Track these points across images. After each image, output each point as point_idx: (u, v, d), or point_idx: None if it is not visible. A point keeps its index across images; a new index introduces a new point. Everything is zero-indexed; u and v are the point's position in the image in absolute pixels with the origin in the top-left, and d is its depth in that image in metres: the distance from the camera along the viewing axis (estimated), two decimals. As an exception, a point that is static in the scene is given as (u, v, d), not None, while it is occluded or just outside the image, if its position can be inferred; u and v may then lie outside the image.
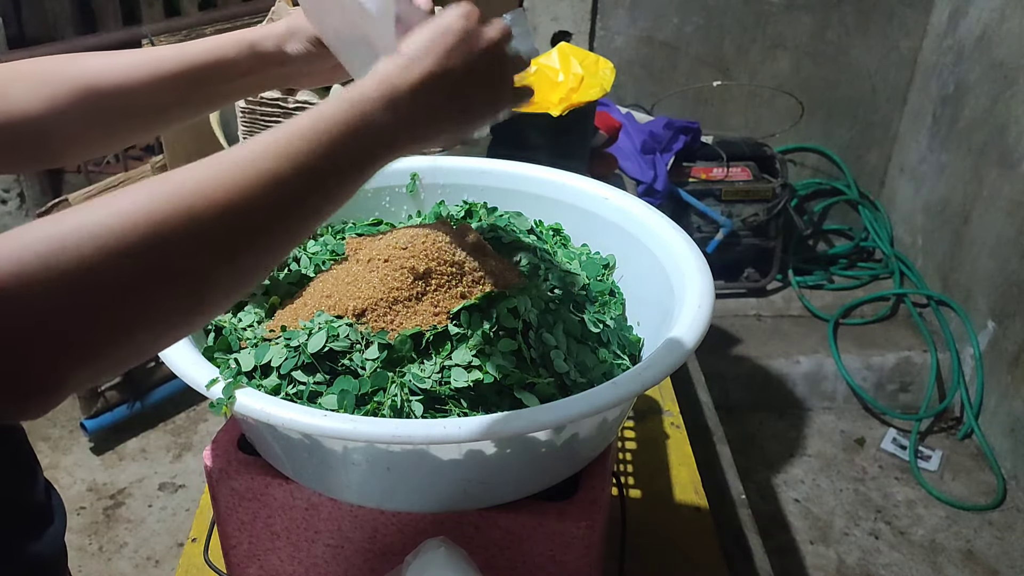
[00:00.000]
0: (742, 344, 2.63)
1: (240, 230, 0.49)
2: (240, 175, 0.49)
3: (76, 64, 0.71)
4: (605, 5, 2.66)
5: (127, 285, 0.45)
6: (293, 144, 0.52)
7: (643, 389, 0.68)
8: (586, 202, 0.98)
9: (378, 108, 0.56)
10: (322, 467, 0.72)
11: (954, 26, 2.60)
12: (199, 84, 0.74)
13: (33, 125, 0.69)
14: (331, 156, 0.53)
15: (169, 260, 0.46)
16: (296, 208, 0.52)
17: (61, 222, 0.44)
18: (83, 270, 0.43)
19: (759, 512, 1.74)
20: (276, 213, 0.51)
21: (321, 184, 0.53)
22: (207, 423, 2.40)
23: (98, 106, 0.71)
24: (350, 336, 0.74)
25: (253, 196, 0.49)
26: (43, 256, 0.42)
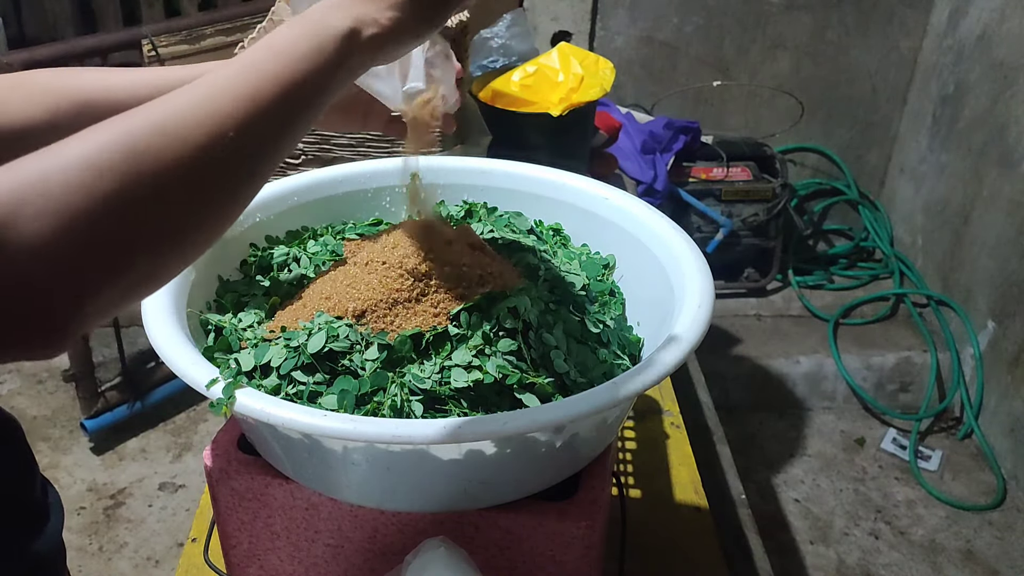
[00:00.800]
0: (742, 344, 2.63)
1: (223, 147, 0.49)
2: (219, 95, 0.50)
3: (80, 77, 0.71)
4: (605, 5, 2.66)
5: (119, 207, 0.45)
6: (260, 62, 0.53)
7: (643, 389, 0.68)
8: (586, 202, 0.98)
9: (329, 10, 0.56)
10: (322, 467, 0.72)
11: (954, 26, 2.60)
12: None
13: (30, 136, 0.68)
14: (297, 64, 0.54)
15: (155, 181, 0.46)
16: (275, 119, 0.53)
17: (45, 152, 0.45)
18: (74, 192, 0.44)
19: (759, 512, 1.74)
20: (256, 127, 0.51)
21: (294, 93, 0.53)
22: (207, 423, 2.41)
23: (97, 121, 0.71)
24: (350, 337, 0.74)
25: (232, 114, 0.50)
26: (34, 184, 0.43)
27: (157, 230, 0.48)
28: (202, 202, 0.50)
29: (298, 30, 0.55)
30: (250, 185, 0.54)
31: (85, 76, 0.71)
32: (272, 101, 0.52)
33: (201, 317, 0.82)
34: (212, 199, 0.50)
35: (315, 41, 0.55)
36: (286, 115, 0.54)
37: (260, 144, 0.52)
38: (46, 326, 0.44)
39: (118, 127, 0.47)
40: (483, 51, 1.72)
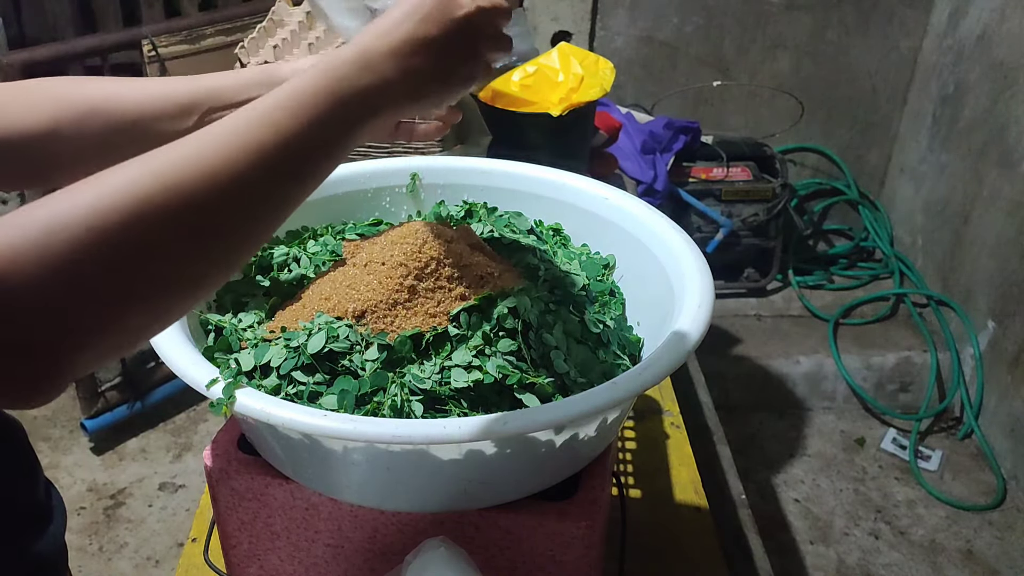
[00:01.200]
0: (742, 344, 2.63)
1: (228, 204, 0.49)
2: (224, 149, 0.49)
3: (84, 86, 0.71)
4: (605, 5, 2.66)
5: (119, 264, 0.45)
6: (275, 115, 0.52)
7: (643, 389, 0.68)
8: (586, 202, 0.98)
9: (354, 71, 0.56)
10: (322, 467, 0.72)
11: (954, 26, 2.60)
12: (209, 115, 0.74)
13: (33, 144, 0.69)
14: (312, 123, 0.53)
15: (154, 237, 0.46)
16: (282, 178, 0.53)
17: (51, 205, 0.45)
18: (75, 252, 0.44)
19: (759, 512, 1.74)
20: (263, 184, 0.51)
21: (305, 152, 0.53)
22: (207, 423, 2.41)
23: (103, 129, 0.71)
24: (350, 337, 0.74)
25: (238, 169, 0.49)
26: (36, 241, 0.43)
27: (157, 285, 0.48)
28: (204, 258, 0.50)
29: (320, 84, 0.54)
30: (254, 241, 0.54)
31: (88, 85, 0.72)
32: (281, 162, 0.52)
33: (201, 317, 0.82)
34: (214, 255, 0.50)
35: (333, 100, 0.55)
36: (295, 175, 0.54)
37: (265, 202, 0.52)
38: (40, 377, 0.44)
39: (123, 180, 0.47)
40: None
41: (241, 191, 0.50)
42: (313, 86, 0.54)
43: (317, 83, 0.54)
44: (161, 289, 0.48)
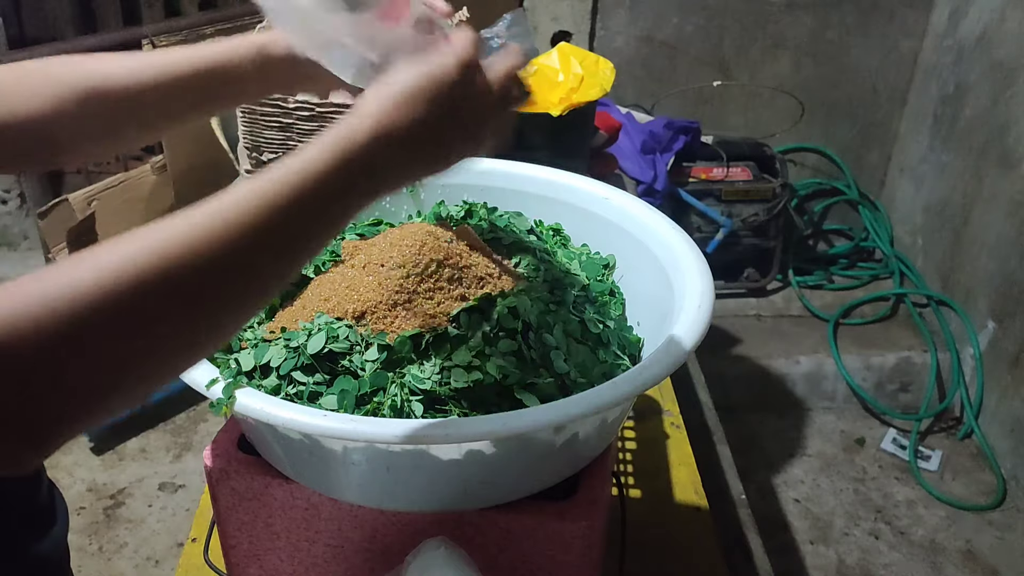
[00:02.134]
0: (742, 344, 2.63)
1: (224, 280, 0.50)
2: (224, 227, 0.49)
3: (83, 66, 0.71)
4: (605, 5, 2.66)
5: (117, 340, 0.46)
6: (279, 193, 0.52)
7: (643, 389, 0.68)
8: (586, 202, 0.98)
9: (364, 153, 0.56)
10: (322, 467, 0.72)
11: (954, 26, 2.60)
12: (208, 88, 0.73)
13: (38, 127, 0.69)
14: (315, 204, 0.53)
15: (157, 311, 0.47)
16: (279, 255, 0.53)
17: (48, 279, 0.45)
18: (74, 327, 0.44)
19: (759, 512, 1.74)
20: (260, 261, 0.52)
21: (303, 230, 0.54)
22: (207, 423, 2.40)
23: (104, 108, 0.70)
24: (350, 338, 0.74)
25: (237, 248, 0.50)
26: (34, 316, 0.43)
27: (153, 358, 0.48)
28: (200, 330, 0.50)
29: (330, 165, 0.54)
30: (251, 309, 0.54)
31: (88, 64, 0.71)
32: (283, 241, 0.52)
33: (201, 317, 0.82)
34: (210, 327, 0.51)
35: (342, 183, 0.55)
36: (296, 251, 0.54)
37: (263, 275, 0.52)
38: (27, 445, 0.44)
39: (124, 256, 0.47)
40: (483, 51, 1.71)
41: (241, 268, 0.51)
42: (322, 170, 0.54)
43: (327, 166, 0.54)
44: (157, 361, 0.49)
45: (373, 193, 0.58)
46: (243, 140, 1.29)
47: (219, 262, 0.49)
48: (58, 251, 1.96)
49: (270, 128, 1.25)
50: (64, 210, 1.92)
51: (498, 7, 1.92)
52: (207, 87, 0.73)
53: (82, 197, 2.09)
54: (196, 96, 0.73)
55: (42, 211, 1.94)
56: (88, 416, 0.46)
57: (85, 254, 0.47)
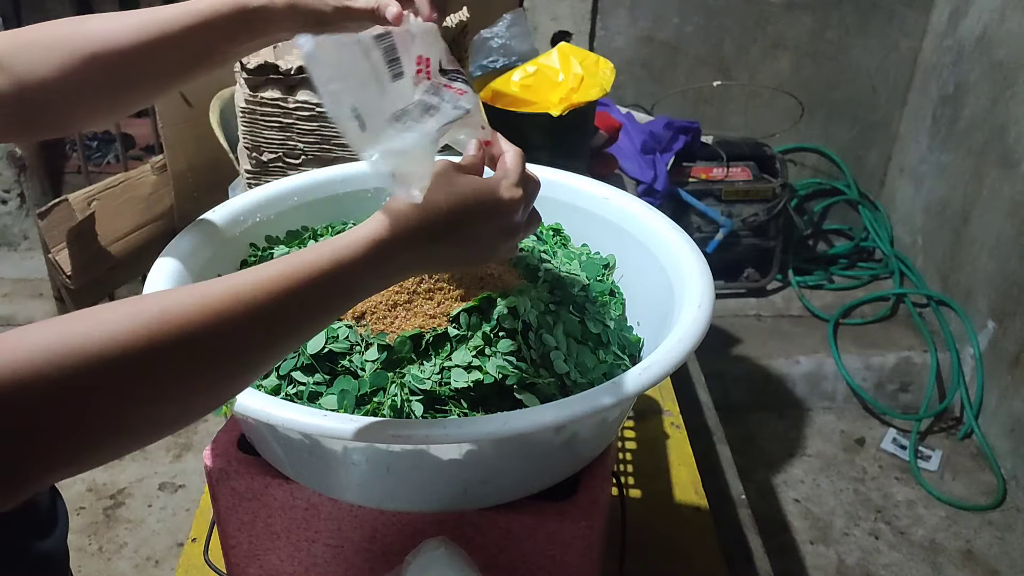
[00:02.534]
0: (742, 344, 2.63)
1: (233, 359, 0.52)
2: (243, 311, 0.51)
3: (83, 29, 0.70)
4: (605, 5, 2.66)
5: (111, 399, 0.47)
6: (308, 291, 0.54)
7: (643, 389, 0.68)
8: (586, 202, 0.98)
9: (402, 256, 0.59)
10: (322, 467, 0.72)
11: (954, 26, 2.60)
12: (200, 46, 0.73)
13: (41, 94, 0.68)
14: (336, 301, 0.57)
15: (159, 383, 0.49)
16: (283, 338, 0.55)
17: (52, 332, 0.46)
18: (72, 382, 0.45)
19: (759, 512, 1.74)
20: (268, 344, 0.54)
21: (319, 318, 0.57)
22: (207, 423, 2.40)
23: (105, 72, 0.70)
24: (349, 338, 0.74)
25: (250, 332, 0.52)
26: (36, 365, 0.44)
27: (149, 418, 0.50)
28: (193, 396, 0.52)
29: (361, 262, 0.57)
30: (244, 383, 0.56)
31: (87, 26, 0.71)
32: (285, 329, 0.55)
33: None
34: (201, 395, 0.53)
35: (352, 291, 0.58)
36: (298, 336, 0.57)
37: (261, 354, 0.54)
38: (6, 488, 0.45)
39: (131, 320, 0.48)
40: (483, 51, 1.72)
41: (251, 350, 0.53)
42: (357, 275, 0.57)
43: (361, 271, 0.57)
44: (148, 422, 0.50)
45: (392, 283, 0.63)
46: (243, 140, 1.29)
47: (232, 344, 0.51)
48: (58, 251, 1.96)
49: (270, 128, 1.25)
50: (64, 210, 1.92)
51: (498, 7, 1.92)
52: (195, 44, 0.73)
53: (82, 197, 2.09)
54: (185, 54, 0.73)
55: (42, 211, 1.93)
56: (71, 466, 0.48)
57: (100, 310, 0.48)
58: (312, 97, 1.23)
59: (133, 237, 2.09)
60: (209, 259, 0.85)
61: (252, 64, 1.22)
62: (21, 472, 0.45)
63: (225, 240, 0.89)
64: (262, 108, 1.24)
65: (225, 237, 0.89)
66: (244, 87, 1.24)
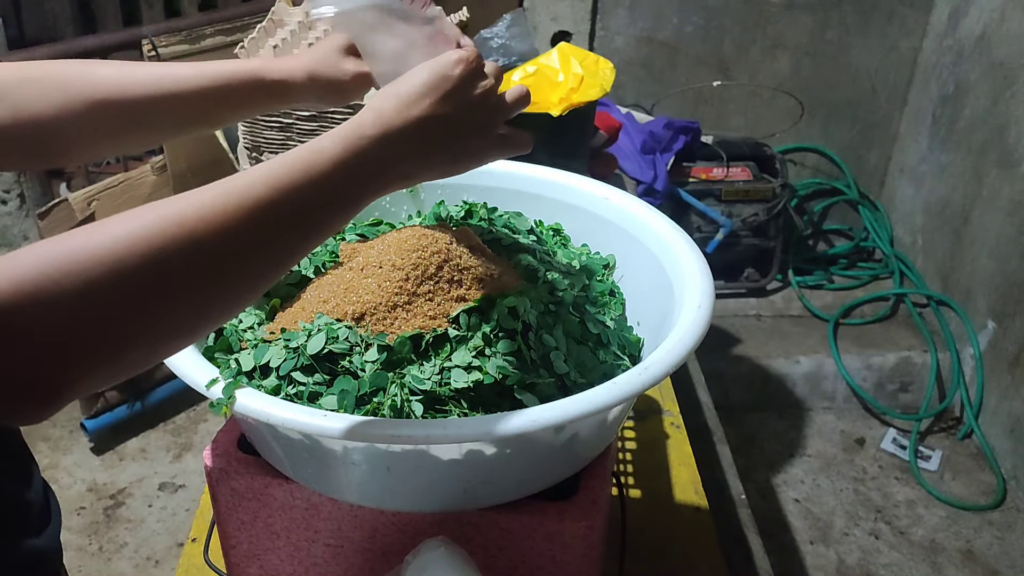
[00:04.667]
0: (742, 344, 2.63)
1: (234, 254, 0.52)
2: (236, 202, 0.51)
3: (92, 74, 0.72)
4: (605, 5, 2.66)
5: (127, 304, 0.47)
6: (290, 177, 0.54)
7: (643, 389, 0.68)
8: (586, 202, 0.98)
9: (373, 146, 0.58)
10: (322, 467, 0.72)
11: (954, 26, 2.60)
12: (212, 106, 0.76)
13: (42, 129, 0.70)
14: (324, 191, 0.56)
15: (168, 280, 0.48)
16: (286, 235, 0.55)
17: (65, 243, 0.46)
18: (87, 289, 0.45)
19: (759, 512, 1.74)
20: (268, 240, 0.53)
21: (311, 215, 0.56)
22: (207, 423, 2.41)
23: (109, 118, 0.72)
24: (349, 338, 0.74)
25: (247, 224, 0.52)
26: (50, 275, 0.44)
27: (162, 326, 0.50)
28: (208, 302, 0.52)
29: (339, 158, 0.57)
30: (257, 288, 0.56)
31: (99, 72, 0.72)
32: (292, 223, 0.54)
33: (201, 317, 0.82)
34: (218, 299, 0.52)
35: (350, 175, 0.57)
36: (305, 236, 0.56)
37: (271, 255, 0.54)
38: (40, 399, 0.46)
39: (138, 226, 0.48)
40: (483, 51, 1.72)
41: (252, 245, 0.52)
42: (331, 158, 0.56)
43: (335, 154, 0.56)
44: (165, 326, 0.50)
45: (382, 186, 0.60)
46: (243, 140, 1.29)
47: (231, 237, 0.51)
48: (58, 251, 1.96)
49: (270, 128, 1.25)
50: (64, 210, 1.92)
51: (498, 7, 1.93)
52: (207, 105, 0.75)
53: (82, 197, 2.09)
54: (196, 112, 0.76)
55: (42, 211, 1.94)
56: (94, 378, 0.47)
57: (103, 221, 0.48)
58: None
59: (133, 237, 2.10)
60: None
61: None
62: (44, 385, 0.45)
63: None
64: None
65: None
66: (244, 87, 1.24)
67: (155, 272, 0.47)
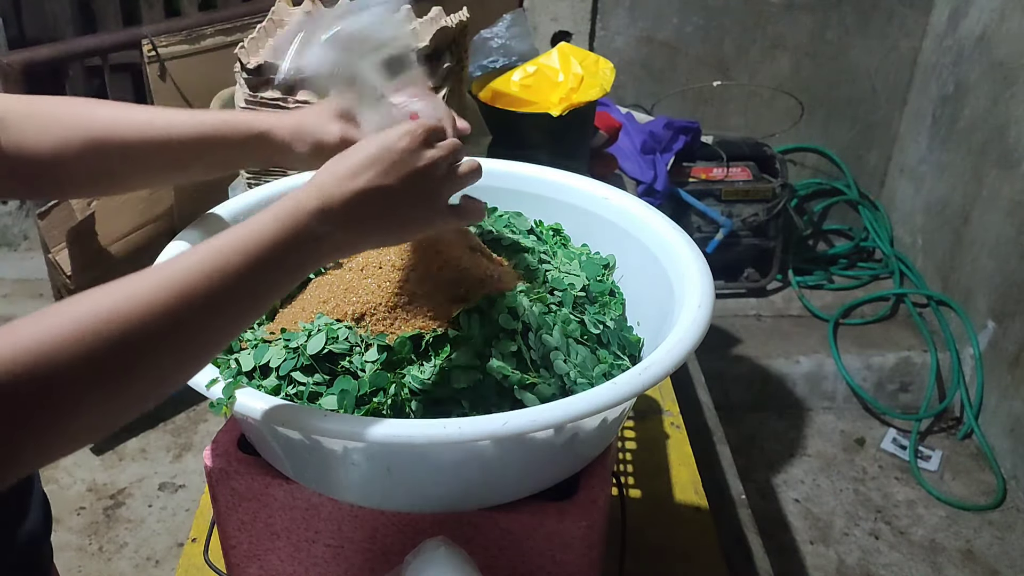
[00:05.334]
0: (742, 344, 2.63)
1: (176, 338, 0.53)
2: (179, 290, 0.53)
3: (91, 114, 0.74)
4: (605, 5, 2.66)
5: (78, 389, 0.49)
6: (230, 260, 0.55)
7: (643, 389, 0.68)
8: (586, 202, 0.98)
9: (312, 221, 0.59)
10: (322, 467, 0.73)
11: (954, 26, 2.60)
12: (203, 155, 0.77)
13: (39, 164, 0.72)
14: (263, 269, 0.57)
15: (113, 368, 0.50)
16: (227, 316, 0.57)
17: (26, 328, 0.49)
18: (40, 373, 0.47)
19: (759, 512, 1.74)
20: (209, 321, 0.55)
21: (252, 292, 0.57)
22: (207, 423, 2.40)
23: (105, 158, 0.74)
24: (349, 339, 0.74)
25: (189, 309, 0.53)
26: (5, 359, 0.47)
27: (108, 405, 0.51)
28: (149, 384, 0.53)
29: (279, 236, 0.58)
30: (199, 366, 0.58)
31: (98, 113, 0.74)
32: (229, 301, 0.56)
33: (201, 317, 0.82)
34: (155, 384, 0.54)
35: (288, 251, 0.58)
36: (243, 310, 0.58)
37: (209, 331, 0.56)
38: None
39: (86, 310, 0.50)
40: (483, 51, 1.72)
41: (193, 327, 0.54)
42: (272, 236, 0.57)
43: (275, 235, 0.58)
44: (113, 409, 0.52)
45: (320, 259, 0.61)
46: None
47: (172, 322, 0.52)
48: (58, 251, 1.96)
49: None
50: (64, 210, 1.92)
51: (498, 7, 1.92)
52: (203, 154, 0.77)
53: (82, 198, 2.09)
54: (191, 160, 0.77)
55: (42, 211, 1.94)
56: (42, 456, 0.50)
57: (43, 313, 0.51)
58: (312, 97, 1.23)
59: (133, 237, 2.10)
60: (209, 259, 0.85)
61: (252, 64, 1.22)
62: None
63: (225, 240, 0.89)
64: (262, 108, 1.24)
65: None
66: (244, 87, 1.24)
67: (101, 358, 0.49)
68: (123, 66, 2.51)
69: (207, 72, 1.95)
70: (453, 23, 1.36)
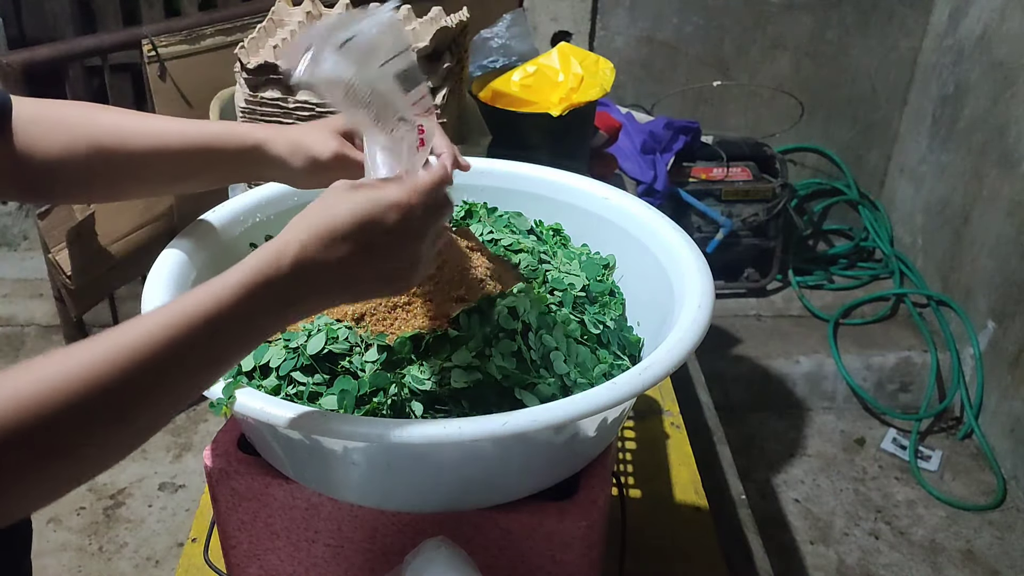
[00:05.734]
0: (742, 344, 2.63)
1: (145, 397, 0.53)
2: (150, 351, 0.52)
3: (95, 119, 0.74)
4: (605, 5, 2.66)
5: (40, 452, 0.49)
6: (198, 317, 0.54)
7: (643, 389, 0.68)
8: (586, 202, 0.98)
9: (292, 284, 0.57)
10: (322, 467, 0.72)
11: (954, 26, 2.60)
12: (201, 165, 0.77)
13: (44, 168, 0.72)
14: (242, 328, 0.57)
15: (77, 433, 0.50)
16: (194, 375, 0.56)
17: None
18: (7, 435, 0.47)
19: (759, 512, 1.74)
20: (178, 378, 0.55)
21: (219, 352, 0.56)
22: (207, 423, 2.40)
23: (106, 164, 0.74)
24: (349, 339, 0.74)
25: (159, 368, 0.53)
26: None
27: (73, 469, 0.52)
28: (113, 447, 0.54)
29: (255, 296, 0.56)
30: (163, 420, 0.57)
31: (100, 118, 0.74)
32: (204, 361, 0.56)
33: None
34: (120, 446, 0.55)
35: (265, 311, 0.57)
36: (215, 368, 0.57)
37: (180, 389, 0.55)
38: None
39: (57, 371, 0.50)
40: (483, 51, 1.72)
41: (162, 385, 0.54)
42: (248, 297, 0.56)
43: (253, 294, 0.56)
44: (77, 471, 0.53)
45: (287, 319, 0.59)
46: (243, 140, 1.29)
47: (143, 380, 0.52)
48: (58, 251, 1.96)
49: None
50: (64, 210, 1.92)
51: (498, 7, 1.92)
52: (201, 164, 0.77)
53: (82, 197, 2.08)
54: (189, 170, 0.77)
55: (42, 211, 1.93)
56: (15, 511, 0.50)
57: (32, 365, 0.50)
58: (312, 97, 1.23)
59: (133, 237, 2.09)
60: (209, 259, 0.85)
61: (252, 64, 1.22)
62: None
63: (225, 240, 0.89)
64: (262, 108, 1.24)
65: (225, 237, 0.89)
66: (244, 87, 1.24)
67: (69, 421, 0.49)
68: (123, 66, 2.51)
69: (207, 72, 1.95)
70: (453, 23, 1.36)
